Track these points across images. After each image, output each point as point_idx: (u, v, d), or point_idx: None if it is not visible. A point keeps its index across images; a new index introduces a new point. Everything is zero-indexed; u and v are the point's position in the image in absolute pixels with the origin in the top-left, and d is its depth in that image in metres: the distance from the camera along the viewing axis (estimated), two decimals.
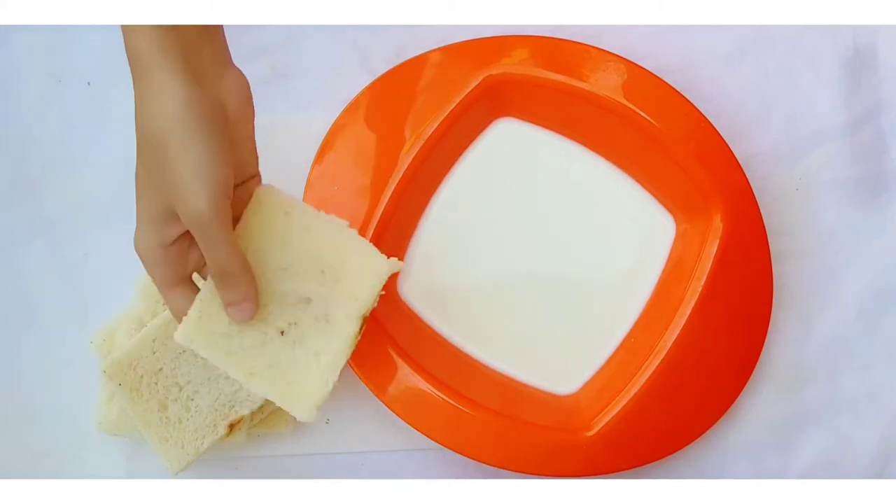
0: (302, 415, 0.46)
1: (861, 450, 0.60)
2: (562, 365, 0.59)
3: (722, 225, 0.57)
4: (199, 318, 0.46)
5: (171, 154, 0.42)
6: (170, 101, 0.42)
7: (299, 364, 0.47)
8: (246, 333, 0.46)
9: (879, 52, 0.63)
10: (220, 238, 0.43)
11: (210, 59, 0.45)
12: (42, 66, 0.62)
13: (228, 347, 0.46)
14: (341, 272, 0.47)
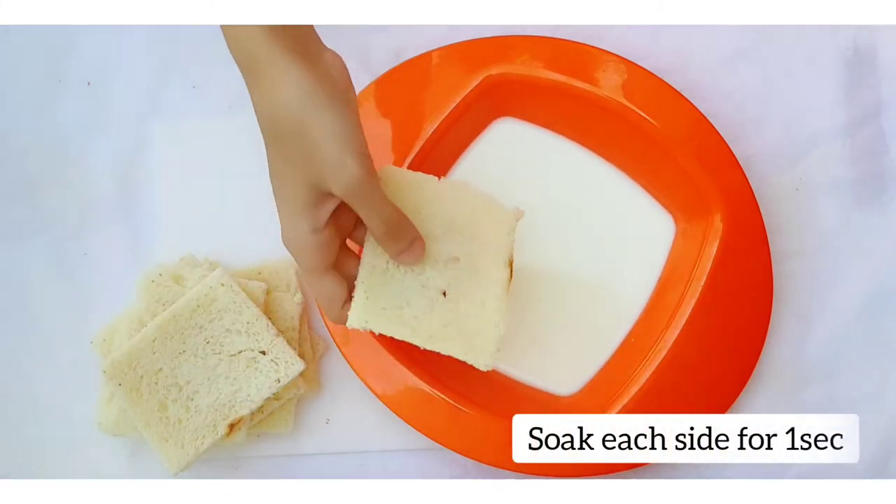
0: (486, 363, 0.49)
1: (861, 450, 0.60)
2: (562, 365, 0.59)
3: (722, 225, 0.57)
4: (367, 298, 0.47)
5: (312, 133, 0.43)
6: (294, 85, 0.43)
7: (469, 317, 0.49)
8: (414, 301, 0.49)
9: (879, 52, 0.63)
10: (378, 196, 0.45)
11: (311, 43, 0.47)
12: (42, 66, 0.62)
13: (401, 318, 0.48)
14: (476, 228, 0.50)
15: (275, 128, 0.44)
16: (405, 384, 0.56)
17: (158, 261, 0.59)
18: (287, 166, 0.45)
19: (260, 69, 0.44)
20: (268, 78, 0.44)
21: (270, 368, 0.55)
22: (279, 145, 0.44)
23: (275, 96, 0.43)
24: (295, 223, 0.46)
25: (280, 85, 0.43)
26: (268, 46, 0.44)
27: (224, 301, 0.56)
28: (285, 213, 0.46)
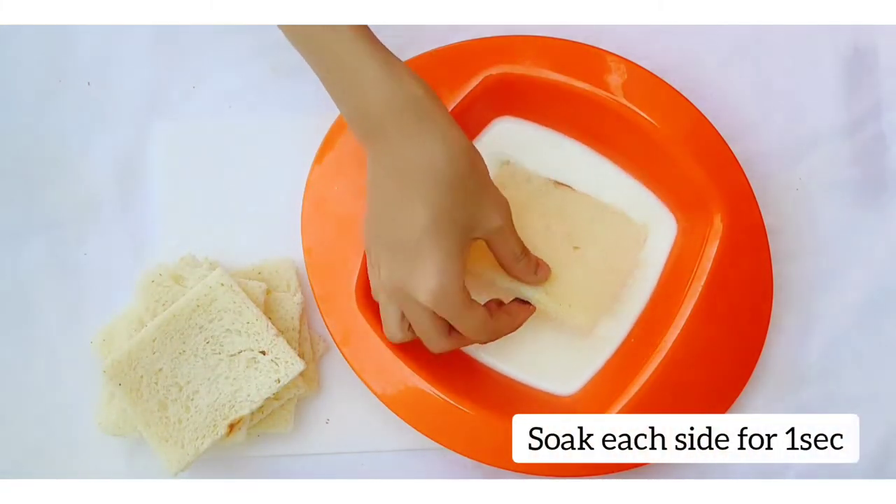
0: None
1: (861, 450, 0.60)
2: (562, 365, 0.59)
3: (722, 225, 0.57)
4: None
5: (480, 174, 0.48)
6: (460, 132, 0.48)
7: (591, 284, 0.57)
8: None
9: (879, 52, 0.63)
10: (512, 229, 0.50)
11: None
12: (42, 66, 0.62)
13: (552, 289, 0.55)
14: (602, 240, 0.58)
15: (454, 173, 0.46)
16: (405, 384, 0.56)
17: (158, 261, 0.59)
18: (457, 211, 0.47)
19: (432, 118, 0.47)
20: (443, 129, 0.47)
21: (270, 368, 0.55)
22: (455, 191, 0.46)
23: (452, 143, 0.46)
24: (451, 269, 0.47)
25: (453, 132, 0.47)
26: (434, 99, 0.47)
27: (224, 301, 0.56)
28: (439, 262, 0.47)
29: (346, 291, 0.57)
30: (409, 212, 0.47)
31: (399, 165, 0.47)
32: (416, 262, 0.47)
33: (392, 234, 0.48)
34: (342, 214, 0.58)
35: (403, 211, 0.47)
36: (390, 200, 0.48)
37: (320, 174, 0.58)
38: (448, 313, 0.48)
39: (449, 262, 0.47)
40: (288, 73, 0.62)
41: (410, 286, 0.47)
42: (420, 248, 0.47)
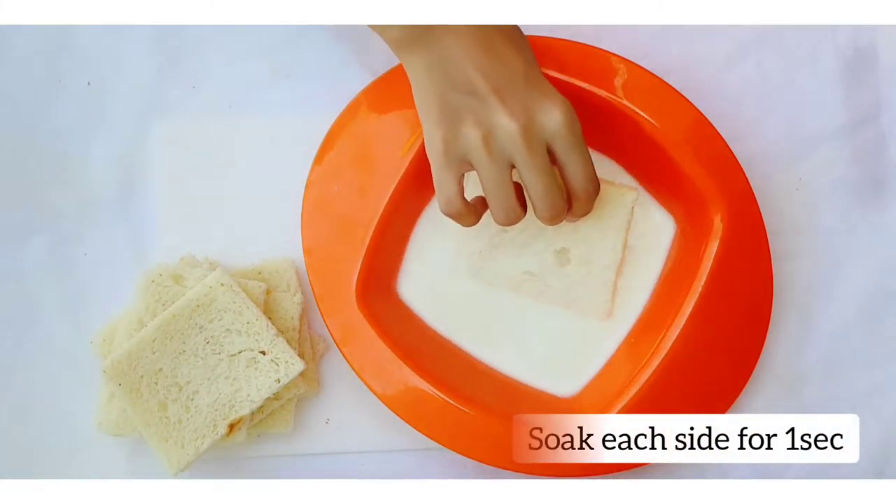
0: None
1: (861, 450, 0.60)
2: (562, 365, 0.59)
3: (722, 225, 0.57)
4: None
5: None
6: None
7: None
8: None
9: (879, 52, 0.63)
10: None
11: None
12: (42, 66, 0.62)
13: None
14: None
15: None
16: (405, 384, 0.56)
17: (158, 261, 0.59)
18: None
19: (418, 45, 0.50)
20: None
21: (270, 368, 0.55)
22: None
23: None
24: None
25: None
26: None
27: (224, 301, 0.56)
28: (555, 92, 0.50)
29: (346, 291, 0.57)
30: (504, 58, 0.49)
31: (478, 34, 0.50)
32: (532, 99, 0.49)
33: (490, 80, 0.49)
34: (342, 214, 0.58)
35: (498, 58, 0.49)
36: (475, 53, 0.49)
37: (320, 174, 0.58)
38: (570, 141, 0.49)
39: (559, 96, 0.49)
40: (288, 74, 0.62)
41: (536, 119, 0.49)
42: (529, 86, 0.49)
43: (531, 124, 0.48)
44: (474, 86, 0.49)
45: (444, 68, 0.49)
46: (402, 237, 0.59)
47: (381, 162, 0.58)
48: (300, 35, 0.62)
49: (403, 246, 0.60)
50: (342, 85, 0.60)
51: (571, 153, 0.49)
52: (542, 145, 0.49)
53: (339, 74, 0.61)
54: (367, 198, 0.57)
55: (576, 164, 0.50)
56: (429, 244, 0.60)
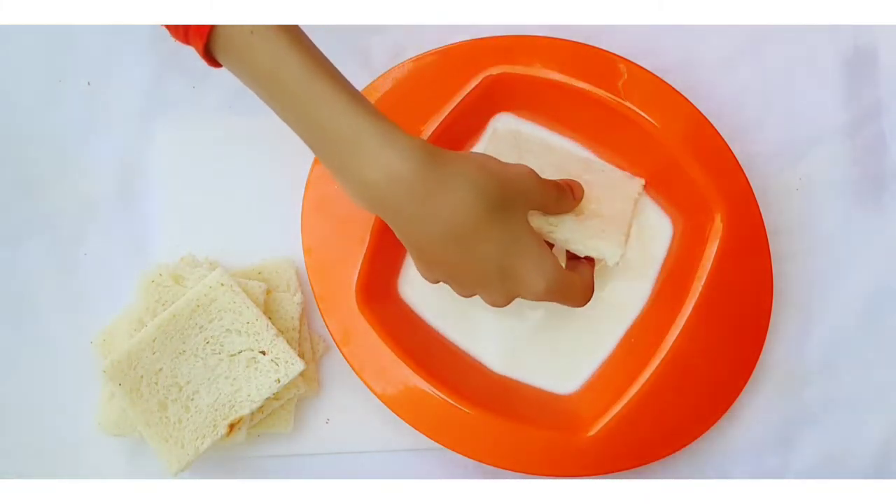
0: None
1: (861, 450, 0.60)
2: (562, 365, 0.59)
3: (722, 225, 0.57)
4: (596, 240, 0.54)
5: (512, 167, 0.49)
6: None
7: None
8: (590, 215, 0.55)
9: (879, 52, 0.63)
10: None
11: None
12: (42, 66, 0.62)
13: (605, 225, 0.55)
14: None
15: (490, 205, 0.45)
16: (405, 384, 0.56)
17: (158, 261, 0.59)
18: (512, 222, 0.46)
19: (438, 175, 0.44)
20: (454, 179, 0.45)
21: (270, 368, 0.55)
22: (498, 215, 0.46)
23: (477, 182, 0.45)
24: (547, 260, 0.48)
25: (470, 171, 0.45)
26: (429, 153, 0.45)
27: (224, 301, 0.56)
28: (535, 263, 0.47)
29: (346, 291, 0.57)
30: (477, 252, 0.46)
31: (428, 230, 0.45)
32: (507, 279, 0.47)
33: (468, 274, 0.47)
34: (342, 214, 0.58)
35: (468, 257, 0.46)
36: (443, 256, 0.47)
37: (320, 174, 0.58)
38: (562, 298, 0.49)
39: (540, 254, 0.47)
40: None
41: (522, 293, 0.48)
42: (504, 266, 0.46)
43: (514, 296, 0.48)
44: (451, 285, 0.49)
45: (419, 256, 0.48)
46: None
47: None
48: None
49: (404, 246, 0.59)
50: None
51: (566, 301, 0.50)
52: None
53: None
54: None
55: (572, 301, 0.51)
56: None
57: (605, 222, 0.55)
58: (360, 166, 0.43)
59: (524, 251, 0.47)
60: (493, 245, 0.46)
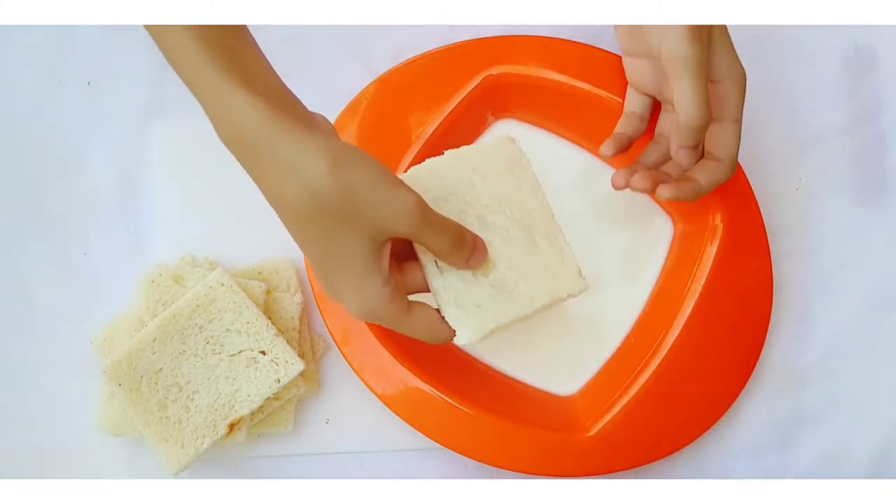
0: (581, 286, 0.50)
1: (861, 450, 0.60)
2: (562, 365, 0.59)
3: (722, 225, 0.57)
4: (460, 312, 0.47)
5: (358, 187, 0.42)
6: (323, 154, 0.42)
7: (538, 262, 0.49)
8: (497, 283, 0.48)
9: (879, 52, 0.63)
10: (434, 214, 0.44)
11: (300, 107, 0.48)
12: (42, 66, 0.62)
13: (498, 304, 0.48)
14: (498, 180, 0.51)
15: (315, 205, 0.42)
16: (405, 384, 0.56)
17: (158, 261, 0.59)
18: (341, 235, 0.42)
19: (271, 152, 0.42)
20: (287, 159, 0.41)
21: (270, 368, 0.55)
22: (324, 221, 0.42)
23: (308, 173, 0.41)
24: (368, 289, 0.44)
25: (308, 160, 0.41)
26: (271, 126, 0.42)
27: (224, 301, 0.56)
28: (353, 286, 0.44)
29: None
30: (303, 246, 0.45)
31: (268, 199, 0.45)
32: (336, 291, 0.45)
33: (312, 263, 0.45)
34: None
35: (302, 245, 0.45)
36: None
37: None
38: (387, 324, 0.46)
39: (357, 290, 0.44)
40: (288, 74, 0.62)
41: (345, 306, 0.45)
42: (329, 277, 0.44)
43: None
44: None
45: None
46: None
47: (382, 162, 0.58)
48: (300, 35, 0.62)
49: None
50: (342, 85, 0.60)
51: (395, 328, 0.46)
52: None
53: (339, 74, 0.61)
54: None
55: (405, 332, 0.47)
56: None
57: (496, 294, 0.48)
58: (278, 177, 0.43)
59: (345, 268, 0.43)
60: (313, 246, 0.44)
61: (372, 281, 0.44)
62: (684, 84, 0.49)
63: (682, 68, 0.49)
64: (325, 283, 0.45)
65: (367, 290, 0.44)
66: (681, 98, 0.49)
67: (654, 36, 0.52)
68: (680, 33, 0.49)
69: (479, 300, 0.48)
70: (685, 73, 0.49)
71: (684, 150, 0.51)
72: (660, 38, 0.51)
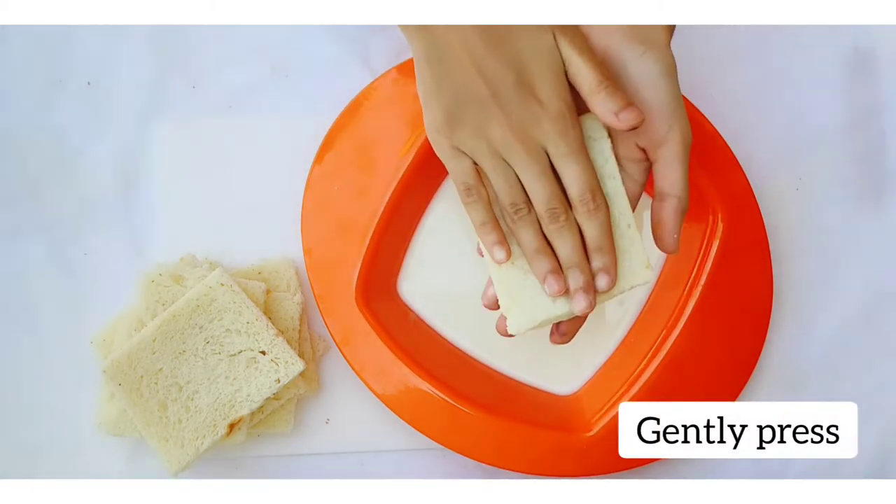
0: (647, 277, 0.49)
1: (861, 450, 0.60)
2: (562, 365, 0.59)
3: (722, 225, 0.57)
4: (511, 302, 0.48)
5: None
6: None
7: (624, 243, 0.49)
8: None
9: (879, 52, 0.63)
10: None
11: None
12: (42, 66, 0.62)
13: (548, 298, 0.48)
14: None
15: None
16: (405, 384, 0.56)
17: (158, 261, 0.59)
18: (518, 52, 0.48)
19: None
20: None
21: (270, 368, 0.55)
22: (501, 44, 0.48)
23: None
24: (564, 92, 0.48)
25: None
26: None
27: (224, 301, 0.56)
28: (549, 87, 0.48)
29: (346, 291, 0.57)
30: (502, 60, 0.48)
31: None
32: (525, 107, 0.47)
33: (488, 84, 0.48)
34: (342, 214, 0.58)
35: (497, 59, 0.48)
36: (472, 48, 0.49)
37: (320, 174, 0.58)
38: (561, 150, 0.48)
39: (556, 87, 0.48)
40: (288, 73, 0.62)
41: (528, 129, 0.47)
42: (522, 94, 0.47)
43: (524, 133, 0.48)
44: (470, 90, 0.48)
45: (442, 63, 0.48)
46: (404, 237, 0.59)
47: (382, 162, 0.58)
48: (300, 35, 0.62)
49: (404, 246, 0.59)
50: (342, 85, 0.60)
51: (562, 161, 0.48)
52: (539, 152, 0.48)
53: (339, 74, 0.61)
54: (367, 198, 0.57)
55: (567, 171, 0.48)
56: (430, 244, 0.60)
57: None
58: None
59: (539, 95, 0.48)
60: (514, 62, 0.48)
61: (562, 87, 0.49)
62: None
63: (682, 152, 0.48)
64: (516, 99, 0.48)
65: (561, 93, 0.48)
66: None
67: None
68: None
69: (532, 292, 0.48)
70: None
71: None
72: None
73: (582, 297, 0.48)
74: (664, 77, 0.48)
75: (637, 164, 0.50)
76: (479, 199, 0.49)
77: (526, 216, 0.48)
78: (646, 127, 0.48)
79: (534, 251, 0.48)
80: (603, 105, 0.47)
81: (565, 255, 0.48)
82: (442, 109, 0.48)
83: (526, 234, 0.48)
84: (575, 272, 0.48)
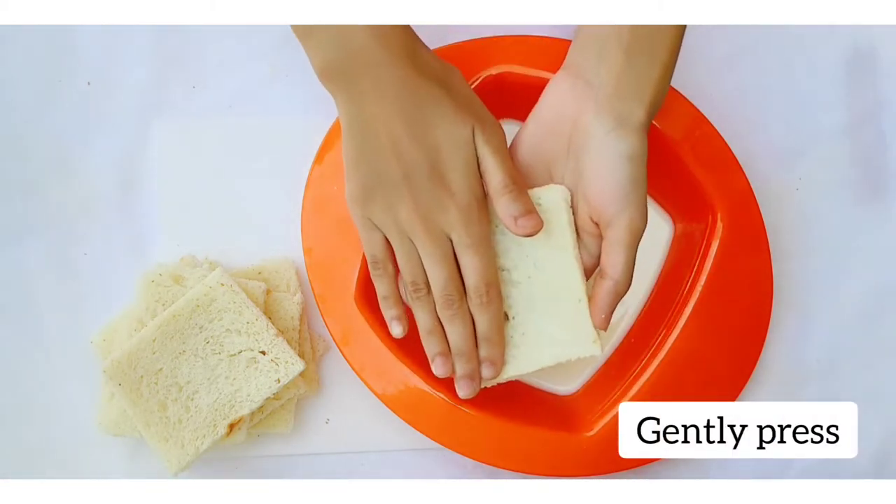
0: (594, 349, 0.51)
1: (861, 449, 0.60)
2: (561, 364, 0.59)
3: (722, 225, 0.57)
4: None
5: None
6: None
7: (550, 320, 0.52)
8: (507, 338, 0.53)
9: (879, 52, 0.63)
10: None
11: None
12: (42, 66, 0.62)
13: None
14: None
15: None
16: (405, 384, 0.56)
17: (158, 261, 0.59)
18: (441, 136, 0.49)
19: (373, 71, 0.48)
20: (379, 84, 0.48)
21: (270, 368, 0.55)
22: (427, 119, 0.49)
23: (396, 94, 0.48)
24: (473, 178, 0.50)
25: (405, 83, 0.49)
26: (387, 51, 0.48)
27: (224, 301, 0.56)
28: (459, 176, 0.50)
29: (346, 291, 0.57)
30: (416, 139, 0.49)
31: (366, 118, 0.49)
32: (433, 193, 0.49)
33: (401, 164, 0.49)
34: (342, 214, 0.58)
35: (411, 137, 0.49)
36: (392, 123, 0.49)
37: (320, 174, 0.58)
38: (463, 241, 0.49)
39: (468, 179, 0.49)
40: (288, 73, 0.62)
41: (433, 216, 0.49)
42: (433, 180, 0.48)
43: (429, 219, 0.49)
44: (385, 170, 0.49)
45: (364, 137, 0.49)
46: None
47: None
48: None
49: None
50: None
51: (464, 251, 0.50)
52: (443, 238, 0.50)
53: None
54: None
55: (467, 262, 0.50)
56: None
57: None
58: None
59: (446, 181, 0.49)
60: (430, 144, 0.49)
61: (471, 176, 0.51)
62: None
63: (630, 239, 0.49)
64: (425, 185, 0.50)
65: (470, 181, 0.51)
66: (615, 265, 0.49)
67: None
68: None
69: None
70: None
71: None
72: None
73: (466, 384, 0.51)
74: (624, 160, 0.48)
75: (593, 238, 0.51)
76: (385, 273, 0.51)
77: (424, 297, 0.51)
78: (598, 204, 0.49)
79: (427, 331, 0.51)
80: (505, 208, 0.49)
81: (454, 342, 0.51)
82: (359, 182, 0.50)
83: (422, 313, 0.51)
84: (462, 360, 0.51)
